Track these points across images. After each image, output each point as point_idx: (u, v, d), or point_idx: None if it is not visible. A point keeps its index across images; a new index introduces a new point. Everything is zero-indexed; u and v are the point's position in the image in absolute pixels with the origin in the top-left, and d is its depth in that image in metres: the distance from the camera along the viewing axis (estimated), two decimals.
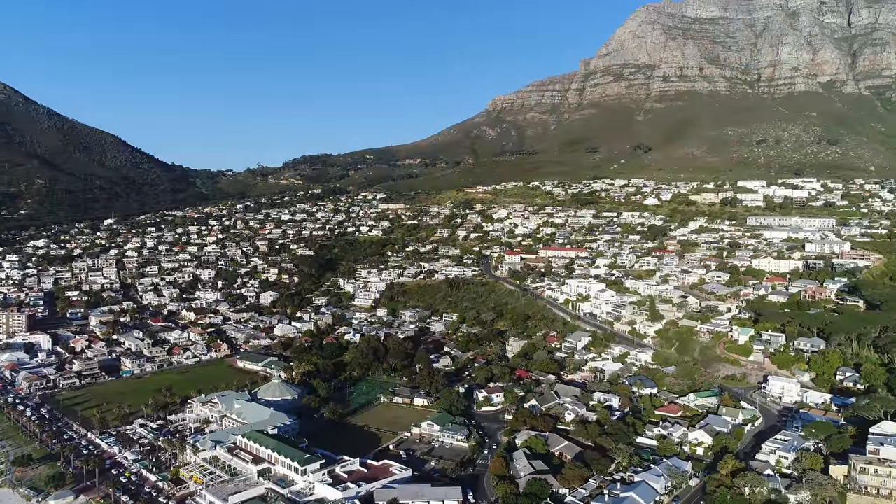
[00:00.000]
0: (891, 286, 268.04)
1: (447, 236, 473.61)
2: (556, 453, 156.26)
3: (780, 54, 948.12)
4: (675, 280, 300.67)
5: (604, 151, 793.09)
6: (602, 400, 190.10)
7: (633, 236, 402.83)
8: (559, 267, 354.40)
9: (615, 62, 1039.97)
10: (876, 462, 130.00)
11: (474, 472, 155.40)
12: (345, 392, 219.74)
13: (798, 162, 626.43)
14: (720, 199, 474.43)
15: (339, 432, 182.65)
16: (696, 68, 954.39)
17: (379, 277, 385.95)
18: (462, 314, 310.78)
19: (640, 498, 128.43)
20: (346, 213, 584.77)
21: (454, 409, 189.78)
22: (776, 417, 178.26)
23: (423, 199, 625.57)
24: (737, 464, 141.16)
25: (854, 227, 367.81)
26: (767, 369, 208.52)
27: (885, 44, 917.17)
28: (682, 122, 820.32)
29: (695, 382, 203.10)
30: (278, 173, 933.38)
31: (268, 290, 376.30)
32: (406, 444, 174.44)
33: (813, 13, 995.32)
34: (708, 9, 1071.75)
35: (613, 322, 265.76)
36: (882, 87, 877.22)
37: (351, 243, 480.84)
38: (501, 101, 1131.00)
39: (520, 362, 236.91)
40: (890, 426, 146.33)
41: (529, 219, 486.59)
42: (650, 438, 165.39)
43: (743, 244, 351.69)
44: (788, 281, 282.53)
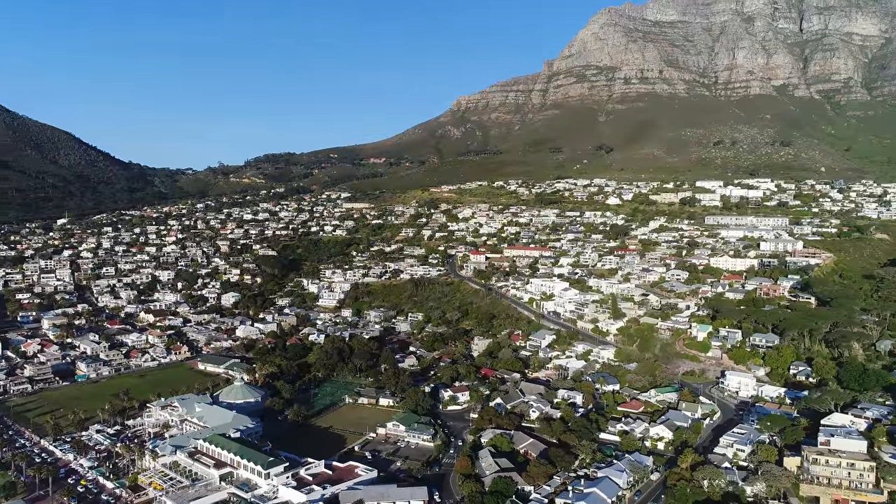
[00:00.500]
0: (840, 283, 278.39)
1: (412, 236, 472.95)
2: (522, 451, 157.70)
3: (736, 58, 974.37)
4: (637, 278, 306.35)
5: (567, 151, 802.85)
6: (566, 397, 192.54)
7: (595, 235, 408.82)
8: (523, 266, 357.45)
9: (578, 64, 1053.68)
10: (827, 453, 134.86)
11: (440, 471, 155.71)
12: (309, 393, 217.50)
13: (753, 163, 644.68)
14: (679, 199, 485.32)
15: (303, 434, 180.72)
16: (656, 71, 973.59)
17: (343, 277, 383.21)
18: (427, 314, 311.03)
19: (603, 493, 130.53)
20: (310, 213, 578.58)
21: (420, 408, 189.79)
22: (733, 411, 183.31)
23: (387, 199, 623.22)
24: (696, 457, 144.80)
25: (806, 226, 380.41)
26: (725, 365, 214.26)
27: (835, 49, 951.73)
28: (642, 124, 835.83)
29: (656, 378, 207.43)
30: (240, 172, 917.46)
31: (230, 291, 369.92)
32: (372, 445, 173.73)
33: (767, 18, 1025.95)
34: (667, 12, 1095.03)
35: (577, 320, 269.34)
36: (832, 90, 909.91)
37: (315, 243, 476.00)
38: (466, 101, 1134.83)
39: (485, 361, 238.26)
40: (840, 418, 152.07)
41: (494, 218, 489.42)
42: (613, 434, 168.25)
43: (701, 243, 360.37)
44: (744, 279, 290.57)
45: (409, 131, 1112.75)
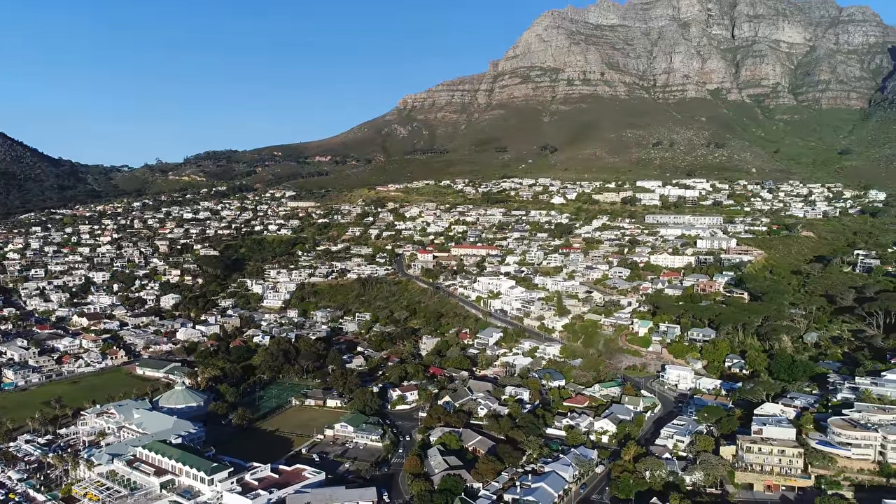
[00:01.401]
0: (770, 279, 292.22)
1: (359, 235, 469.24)
2: (470, 448, 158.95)
3: (673, 62, 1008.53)
4: (581, 276, 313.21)
5: (512, 151, 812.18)
6: (513, 394, 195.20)
7: (540, 234, 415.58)
8: (471, 265, 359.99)
9: (522, 64, 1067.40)
10: (759, 441, 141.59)
11: (389, 471, 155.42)
12: (254, 396, 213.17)
13: (690, 164, 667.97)
14: (621, 199, 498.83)
15: (248, 438, 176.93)
16: (597, 73, 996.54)
17: (289, 277, 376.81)
18: (375, 313, 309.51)
19: (549, 488, 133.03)
20: (254, 212, 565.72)
21: (368, 408, 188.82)
22: (673, 404, 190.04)
23: (333, 198, 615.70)
24: (638, 449, 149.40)
25: (739, 224, 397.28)
26: (665, 359, 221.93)
27: (764, 56, 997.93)
28: (585, 124, 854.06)
29: (600, 373, 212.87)
30: (179, 169, 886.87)
31: (169, 293, 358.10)
32: (319, 447, 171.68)
33: (701, 25, 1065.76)
34: (608, 16, 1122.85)
35: (523, 318, 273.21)
36: (761, 95, 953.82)
37: (259, 243, 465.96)
38: (412, 99, 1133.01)
39: (433, 360, 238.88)
40: (771, 407, 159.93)
41: (441, 217, 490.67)
42: (559, 429, 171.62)
43: (642, 241, 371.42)
44: (683, 275, 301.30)
45: (354, 129, 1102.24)
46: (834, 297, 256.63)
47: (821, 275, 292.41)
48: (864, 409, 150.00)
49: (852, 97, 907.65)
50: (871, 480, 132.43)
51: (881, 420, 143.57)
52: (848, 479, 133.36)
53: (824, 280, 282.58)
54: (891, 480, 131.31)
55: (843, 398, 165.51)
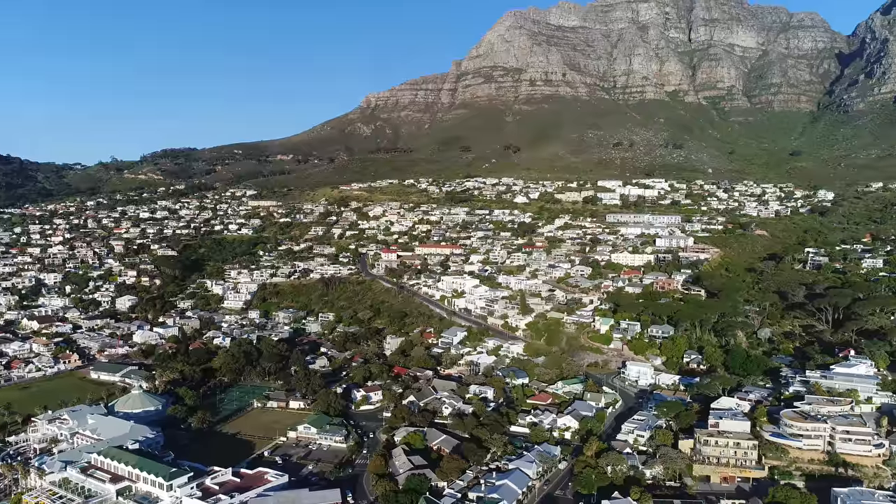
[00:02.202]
0: (726, 277, 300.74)
1: (322, 234, 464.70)
2: (435, 448, 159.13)
3: (632, 64, 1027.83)
4: (544, 274, 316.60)
5: (476, 151, 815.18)
6: (477, 392, 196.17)
7: (504, 233, 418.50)
8: (435, 264, 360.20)
9: (485, 64, 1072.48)
10: (716, 434, 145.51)
11: (354, 472, 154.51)
12: (215, 399, 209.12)
13: (649, 164, 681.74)
14: (582, 198, 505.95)
15: (209, 442, 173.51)
16: (559, 74, 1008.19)
17: (250, 278, 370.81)
18: (339, 313, 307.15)
19: (513, 485, 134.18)
20: (213, 211, 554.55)
21: (332, 410, 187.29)
22: (634, 399, 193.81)
23: (296, 197, 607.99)
24: (600, 445, 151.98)
25: (696, 223, 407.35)
26: (626, 355, 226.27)
27: (719, 59, 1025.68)
28: (547, 125, 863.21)
29: (562, 371, 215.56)
30: (135, 168, 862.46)
31: (125, 294, 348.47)
32: (282, 450, 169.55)
33: (659, 28, 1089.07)
34: (569, 18, 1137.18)
35: (487, 316, 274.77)
36: (717, 97, 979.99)
37: (219, 242, 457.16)
38: (375, 98, 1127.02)
39: (397, 359, 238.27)
40: (727, 401, 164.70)
41: (405, 216, 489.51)
42: (523, 426, 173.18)
43: (603, 240, 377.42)
44: (642, 273, 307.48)
45: (317, 128, 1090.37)
46: (786, 293, 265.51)
47: (773, 272, 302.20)
48: (814, 402, 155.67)
49: (802, 100, 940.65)
50: (821, 470, 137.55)
51: (830, 412, 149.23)
52: (799, 469, 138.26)
53: (777, 277, 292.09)
54: (839, 470, 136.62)
55: (794, 391, 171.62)
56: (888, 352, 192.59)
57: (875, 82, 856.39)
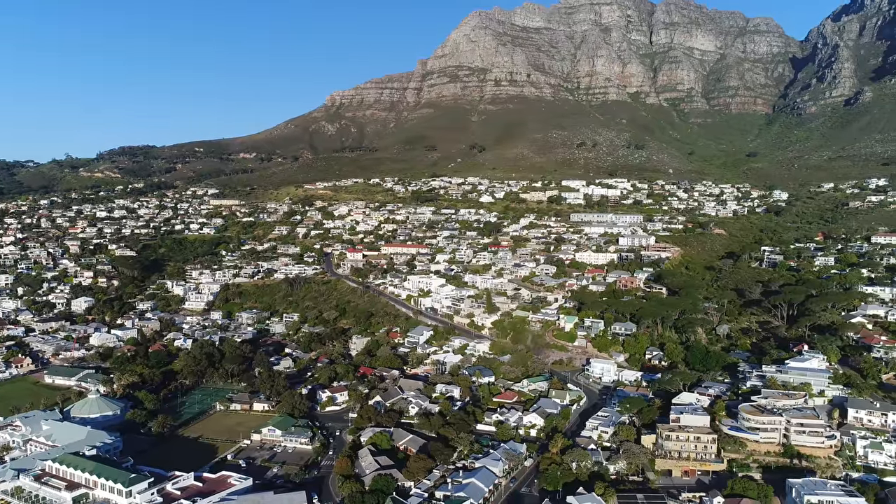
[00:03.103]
0: (686, 275, 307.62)
1: (286, 234, 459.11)
2: (402, 447, 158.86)
3: (595, 65, 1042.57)
4: (509, 273, 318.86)
5: (441, 150, 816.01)
6: (444, 391, 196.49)
7: (470, 232, 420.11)
8: (401, 263, 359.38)
9: (451, 64, 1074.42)
10: (677, 429, 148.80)
11: (319, 474, 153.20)
12: (176, 403, 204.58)
13: (612, 164, 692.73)
14: (547, 198, 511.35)
15: (170, 446, 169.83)
16: (524, 74, 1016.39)
17: (212, 278, 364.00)
18: (303, 314, 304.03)
19: (480, 483, 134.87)
20: (174, 210, 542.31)
21: (297, 411, 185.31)
22: (598, 396, 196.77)
23: (259, 196, 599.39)
24: (565, 442, 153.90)
25: (657, 222, 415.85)
26: (590, 353, 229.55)
27: (679, 62, 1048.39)
28: (512, 125, 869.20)
29: (528, 369, 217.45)
30: (92, 165, 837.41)
31: (81, 296, 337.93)
32: (246, 452, 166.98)
33: (622, 30, 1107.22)
34: (534, 19, 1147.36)
35: (453, 315, 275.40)
36: (677, 99, 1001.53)
37: (180, 242, 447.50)
38: (340, 96, 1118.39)
39: (363, 359, 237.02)
40: (688, 396, 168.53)
41: (371, 216, 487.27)
42: (489, 425, 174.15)
43: (567, 239, 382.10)
44: (606, 272, 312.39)
45: (281, 126, 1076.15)
46: (743, 290, 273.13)
47: (731, 270, 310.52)
48: (770, 396, 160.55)
49: (758, 103, 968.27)
50: (776, 462, 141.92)
51: (785, 405, 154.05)
52: (756, 461, 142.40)
53: (734, 275, 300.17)
54: (794, 461, 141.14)
55: (751, 385, 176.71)
56: (839, 346, 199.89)
57: (826, 86, 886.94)
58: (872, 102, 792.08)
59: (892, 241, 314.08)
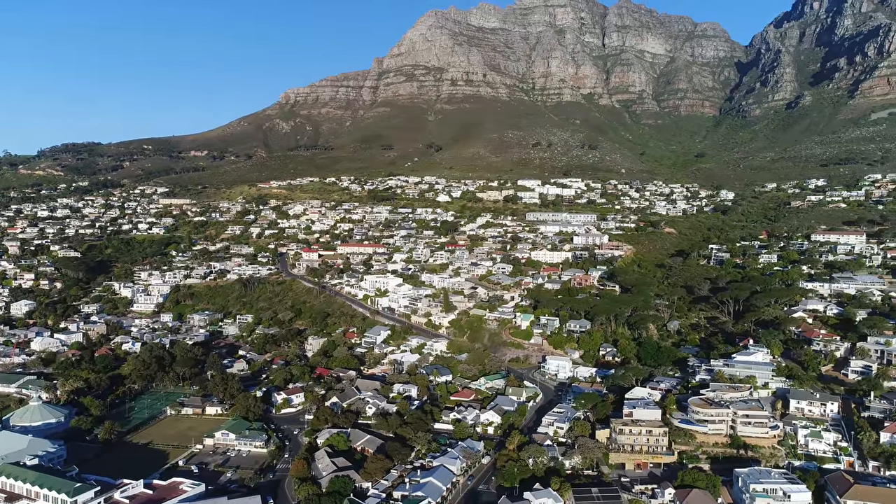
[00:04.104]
0: (639, 272, 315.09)
1: (239, 233, 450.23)
2: (359, 448, 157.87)
3: (550, 67, 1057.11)
4: (466, 272, 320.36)
5: (398, 149, 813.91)
6: (401, 391, 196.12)
7: (427, 232, 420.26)
8: (357, 263, 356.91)
9: (407, 63, 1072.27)
10: (630, 423, 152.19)
11: (275, 477, 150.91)
12: (124, 408, 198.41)
13: (566, 164, 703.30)
14: (503, 197, 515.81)
15: (118, 454, 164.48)
16: (480, 74, 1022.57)
17: (162, 279, 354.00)
18: (257, 315, 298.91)
19: (438, 482, 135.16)
20: (121, 210, 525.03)
21: (251, 414, 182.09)
22: (554, 392, 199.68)
23: (211, 195, 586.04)
24: (522, 438, 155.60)
25: (611, 221, 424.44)
26: (545, 350, 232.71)
27: (631, 64, 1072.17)
28: (469, 124, 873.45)
29: (485, 367, 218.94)
30: (32, 163, 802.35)
31: (22, 299, 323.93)
32: (198, 458, 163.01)
33: (576, 32, 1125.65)
34: (489, 19, 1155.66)
35: (411, 315, 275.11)
36: (629, 101, 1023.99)
37: (127, 243, 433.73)
38: (295, 94, 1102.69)
39: (320, 360, 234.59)
40: (640, 391, 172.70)
41: (326, 215, 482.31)
42: (447, 423, 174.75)
43: (523, 238, 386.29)
44: (561, 270, 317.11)
45: (233, 123, 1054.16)
46: (692, 287, 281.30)
47: (681, 267, 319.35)
48: (717, 389, 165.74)
49: (706, 105, 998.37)
50: (724, 452, 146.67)
51: (732, 397, 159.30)
52: (705, 452, 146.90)
53: (684, 272, 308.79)
54: (740, 451, 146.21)
55: (700, 379, 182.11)
56: (782, 340, 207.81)
57: (769, 90, 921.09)
58: (812, 106, 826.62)
59: (831, 238, 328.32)
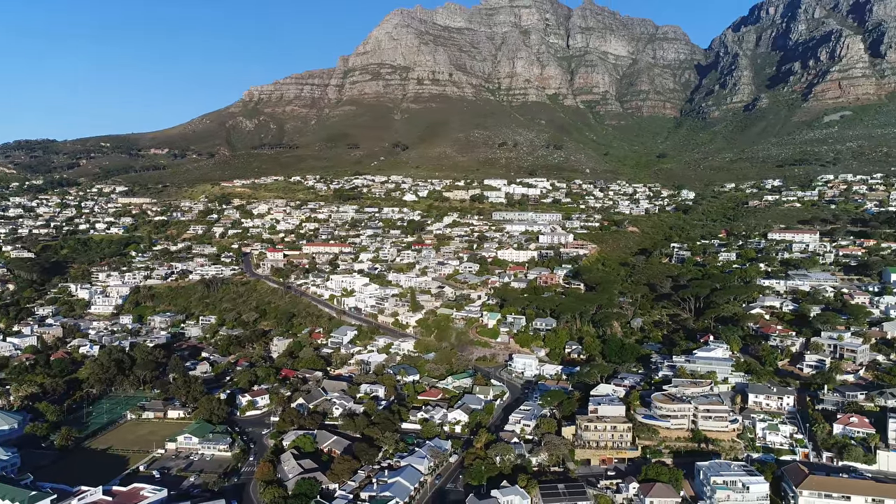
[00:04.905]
0: (603, 271, 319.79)
1: (202, 233, 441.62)
2: (326, 450, 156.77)
3: (515, 67, 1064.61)
4: (433, 272, 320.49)
5: (364, 148, 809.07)
6: (368, 391, 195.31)
7: (393, 231, 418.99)
8: (323, 263, 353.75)
9: (373, 61, 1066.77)
10: (595, 419, 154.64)
11: (240, 481, 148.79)
12: (81, 413, 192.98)
13: (532, 164, 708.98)
14: (470, 196, 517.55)
15: (76, 460, 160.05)
16: (446, 73, 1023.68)
17: (121, 280, 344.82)
18: (221, 316, 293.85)
19: (405, 481, 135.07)
20: (78, 209, 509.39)
21: (215, 417, 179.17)
22: (520, 390, 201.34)
23: (172, 193, 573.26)
24: (489, 436, 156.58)
25: (575, 220, 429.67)
26: (512, 348, 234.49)
27: (595, 65, 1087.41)
28: (435, 124, 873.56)
29: (452, 366, 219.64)
30: None
31: None
32: (160, 462, 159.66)
33: (540, 33, 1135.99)
34: (455, 19, 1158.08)
35: (378, 314, 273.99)
36: (593, 101, 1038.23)
37: (84, 243, 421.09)
38: (259, 91, 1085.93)
39: (285, 361, 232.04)
40: (605, 388, 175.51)
41: (292, 214, 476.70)
42: (414, 423, 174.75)
43: (490, 237, 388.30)
44: (527, 269, 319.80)
45: (195, 121, 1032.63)
46: (655, 285, 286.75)
47: (644, 266, 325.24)
48: (679, 384, 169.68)
49: (667, 107, 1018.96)
50: (686, 447, 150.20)
51: (693, 393, 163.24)
52: (668, 447, 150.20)
53: (647, 271, 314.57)
54: (701, 445, 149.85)
55: (663, 375, 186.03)
56: (740, 336, 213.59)
57: (728, 92, 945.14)
58: (768, 108, 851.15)
59: (786, 237, 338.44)
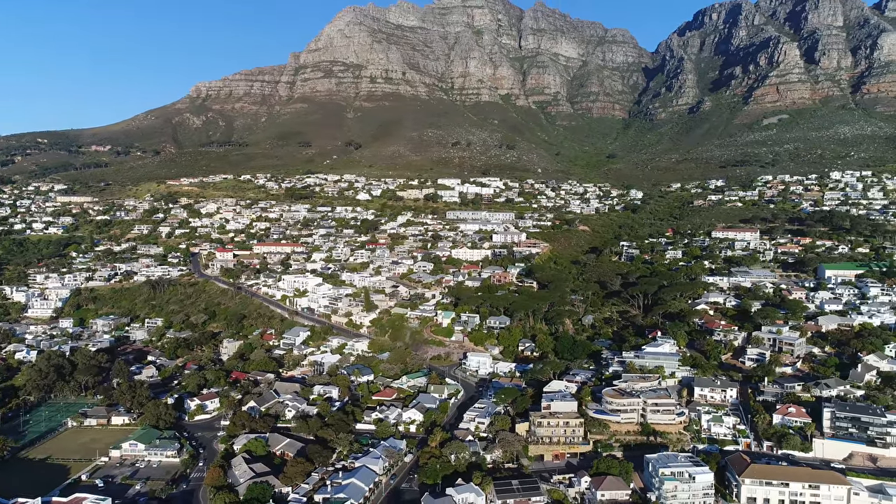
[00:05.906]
0: (555, 269, 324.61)
1: (147, 233, 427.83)
2: (278, 453, 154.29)
3: (468, 67, 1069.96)
4: (388, 271, 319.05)
5: (316, 146, 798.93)
6: (322, 392, 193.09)
7: (347, 230, 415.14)
8: (275, 263, 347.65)
9: (325, 59, 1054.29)
10: (548, 416, 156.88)
11: (189, 487, 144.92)
12: (18, 422, 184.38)
13: (485, 163, 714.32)
14: (424, 196, 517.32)
15: (12, 471, 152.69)
16: (399, 72, 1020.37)
17: (61, 282, 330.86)
18: (168, 318, 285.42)
19: (360, 482, 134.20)
20: (13, 208, 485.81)
21: (162, 422, 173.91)
22: (475, 388, 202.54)
23: (115, 192, 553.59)
24: (444, 435, 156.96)
25: (528, 219, 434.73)
26: (466, 347, 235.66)
27: (546, 66, 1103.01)
28: (388, 122, 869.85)
29: (407, 365, 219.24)
30: None
31: None
32: (104, 471, 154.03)
33: (493, 34, 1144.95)
34: (408, 18, 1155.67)
35: (331, 315, 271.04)
36: (544, 102, 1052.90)
37: (20, 244, 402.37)
38: (206, 87, 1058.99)
39: (236, 364, 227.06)
40: (557, 384, 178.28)
41: (242, 213, 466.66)
42: (369, 423, 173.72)
43: (444, 236, 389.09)
44: (481, 268, 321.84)
45: (139, 117, 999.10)
46: (605, 283, 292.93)
47: (594, 264, 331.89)
48: (629, 379, 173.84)
49: (616, 108, 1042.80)
50: (635, 440, 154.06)
51: (642, 387, 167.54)
52: (619, 441, 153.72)
53: (597, 268, 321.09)
54: (650, 438, 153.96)
55: (613, 371, 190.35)
56: (686, 331, 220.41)
57: (673, 95, 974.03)
58: (711, 111, 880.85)
59: (729, 235, 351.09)
